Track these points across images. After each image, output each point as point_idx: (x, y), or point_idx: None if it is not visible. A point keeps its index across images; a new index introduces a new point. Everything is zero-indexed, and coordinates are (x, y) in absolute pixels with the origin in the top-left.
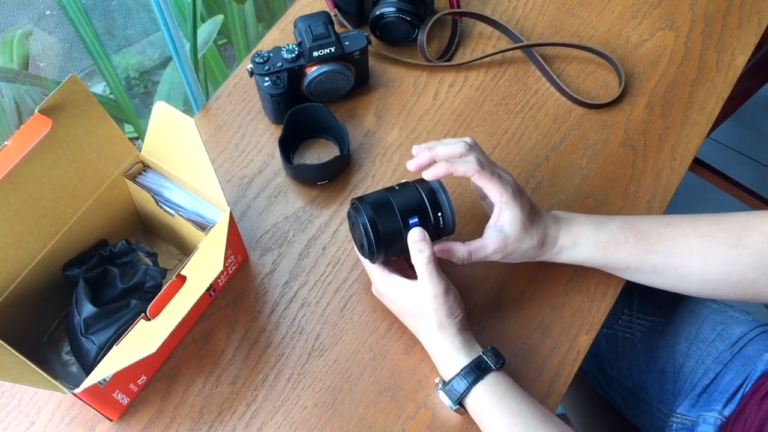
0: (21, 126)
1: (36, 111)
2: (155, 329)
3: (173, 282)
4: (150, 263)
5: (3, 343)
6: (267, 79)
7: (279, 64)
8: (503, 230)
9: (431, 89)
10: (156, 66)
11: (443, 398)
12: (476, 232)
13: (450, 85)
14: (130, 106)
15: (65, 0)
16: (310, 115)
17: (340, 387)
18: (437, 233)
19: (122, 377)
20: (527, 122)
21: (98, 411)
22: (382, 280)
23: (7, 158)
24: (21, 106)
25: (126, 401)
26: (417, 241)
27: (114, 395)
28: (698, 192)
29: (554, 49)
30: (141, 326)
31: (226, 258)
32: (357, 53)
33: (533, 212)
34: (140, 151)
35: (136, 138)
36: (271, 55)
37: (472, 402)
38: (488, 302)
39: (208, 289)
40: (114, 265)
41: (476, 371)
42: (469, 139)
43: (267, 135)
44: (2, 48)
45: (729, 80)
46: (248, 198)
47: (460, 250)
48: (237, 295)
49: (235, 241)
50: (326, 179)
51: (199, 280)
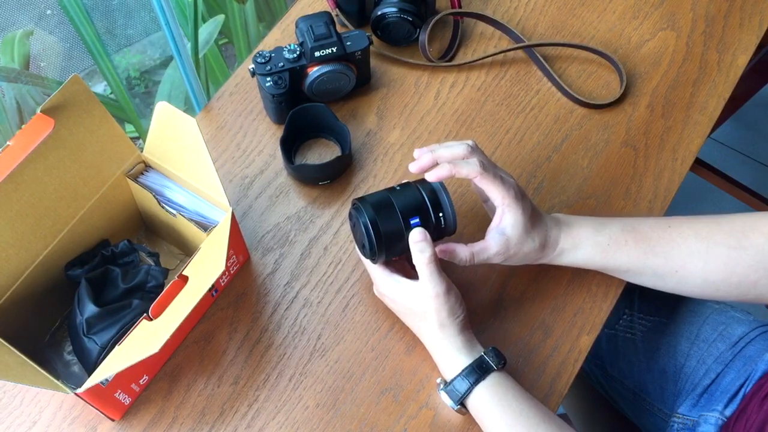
0: (22, 126)
1: (38, 111)
2: (157, 329)
3: (175, 282)
4: (152, 263)
5: (5, 343)
6: (269, 79)
7: (281, 64)
8: (505, 233)
9: (433, 89)
10: (157, 66)
11: (445, 398)
12: (477, 233)
13: (451, 86)
14: (131, 106)
15: None
16: (312, 115)
17: (342, 387)
18: (438, 233)
19: (124, 377)
20: (529, 122)
21: (100, 411)
22: (384, 281)
23: (10, 158)
24: (22, 106)
25: (128, 401)
26: (418, 242)
27: (116, 395)
28: (699, 192)
29: (555, 49)
30: (143, 326)
31: (228, 258)
32: (358, 53)
33: (535, 215)
34: (142, 151)
35: (137, 138)
36: (273, 55)
37: (474, 402)
38: (490, 302)
39: (210, 290)
40: (116, 265)
41: (478, 371)
42: (471, 142)
43: (268, 135)
44: (3, 48)
45: (730, 80)
46: (250, 198)
47: (463, 252)
48: (239, 295)
49: (237, 242)
50: (328, 179)
51: (201, 280)
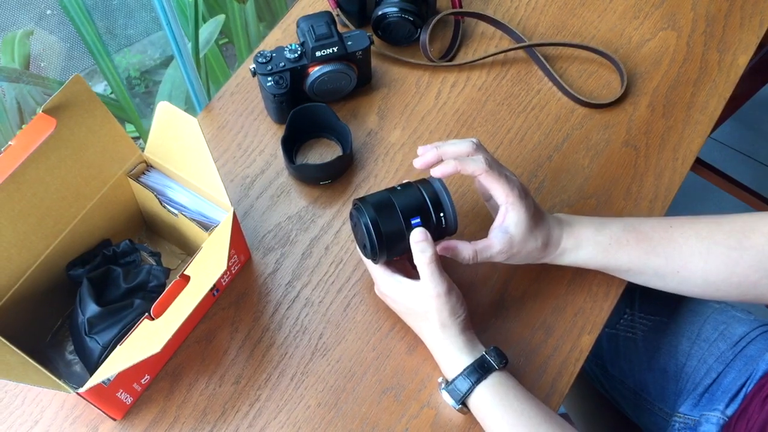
0: (23, 126)
1: (40, 111)
2: (159, 329)
3: (177, 282)
4: (153, 263)
5: (7, 343)
6: (270, 79)
7: (282, 64)
8: (509, 231)
9: (434, 89)
10: (157, 66)
11: (446, 398)
12: (478, 233)
13: (452, 85)
14: (132, 106)
15: None
16: (313, 115)
17: (344, 386)
18: (439, 233)
19: (126, 377)
20: (530, 122)
21: (102, 410)
22: (385, 281)
23: (11, 158)
24: (22, 106)
25: (129, 401)
26: (419, 242)
27: (118, 395)
28: (699, 192)
29: (556, 49)
30: (145, 326)
31: (229, 258)
32: (359, 53)
33: (537, 214)
34: (143, 151)
35: (138, 138)
36: (274, 55)
37: (475, 401)
38: (491, 302)
39: (212, 289)
40: (117, 265)
41: (479, 371)
42: (476, 140)
43: (270, 135)
44: (3, 47)
45: (731, 80)
46: (251, 198)
47: (466, 250)
48: (240, 295)
49: (238, 241)
50: (329, 179)
51: (203, 280)
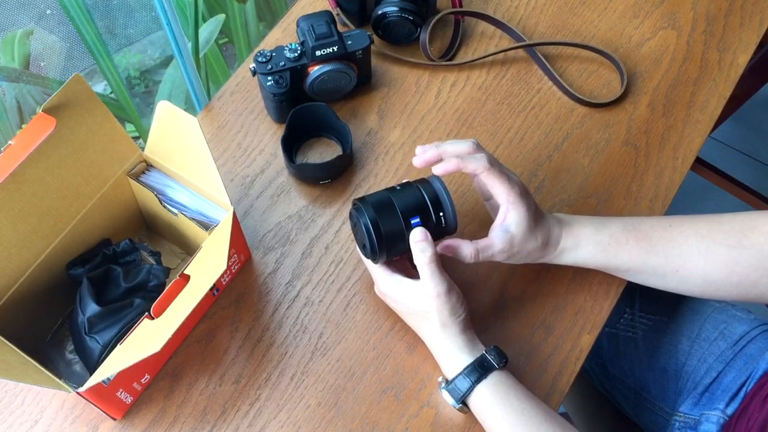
0: (22, 125)
1: (40, 110)
2: (159, 328)
3: (177, 281)
4: (153, 262)
5: (7, 342)
6: (270, 79)
7: (282, 64)
8: (509, 230)
9: (434, 88)
10: (157, 65)
11: (446, 397)
12: (478, 232)
13: (452, 85)
14: (132, 106)
15: None
16: (313, 115)
17: (344, 386)
18: (439, 233)
19: (126, 376)
20: (530, 121)
21: (102, 410)
22: (385, 280)
23: (11, 157)
24: (22, 106)
25: (129, 400)
26: (419, 241)
27: (117, 394)
28: (699, 191)
29: (556, 48)
30: (145, 325)
31: (230, 257)
32: (359, 52)
33: (538, 213)
34: (143, 151)
35: (138, 137)
36: (274, 55)
37: (475, 401)
38: (491, 302)
39: (212, 289)
40: (117, 264)
41: (479, 370)
42: (475, 140)
43: (269, 134)
44: (3, 47)
45: (731, 79)
46: (251, 197)
47: (467, 249)
48: (240, 294)
49: (238, 241)
50: (329, 178)
51: (203, 280)
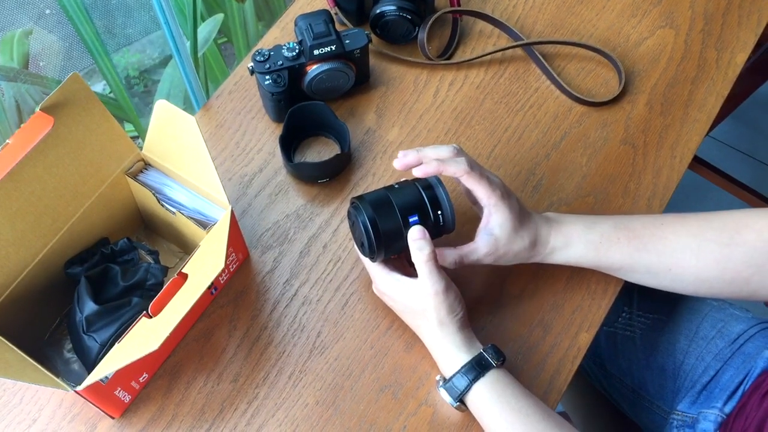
0: (21, 125)
1: (37, 109)
2: (157, 327)
3: (174, 280)
4: (151, 261)
5: (5, 341)
6: (268, 78)
7: (280, 63)
8: (493, 233)
9: (432, 87)
10: (156, 65)
11: (444, 395)
12: (474, 232)
13: (450, 84)
14: (131, 105)
15: None
16: (311, 114)
17: (342, 384)
18: (437, 231)
19: (124, 375)
20: (527, 120)
21: (100, 409)
22: (383, 279)
23: (9, 156)
24: (21, 105)
25: (128, 399)
26: (417, 239)
27: (116, 393)
28: (698, 190)
29: (554, 47)
30: (143, 324)
31: (227, 256)
32: (357, 51)
33: (522, 214)
34: (141, 150)
35: (137, 137)
36: (272, 54)
37: (473, 399)
38: (489, 300)
39: (210, 287)
40: (115, 263)
41: (477, 368)
42: (456, 146)
43: (268, 133)
44: (2, 47)
45: (729, 78)
46: (249, 196)
47: (451, 255)
48: (238, 293)
49: (236, 239)
50: (327, 177)
51: (201, 278)
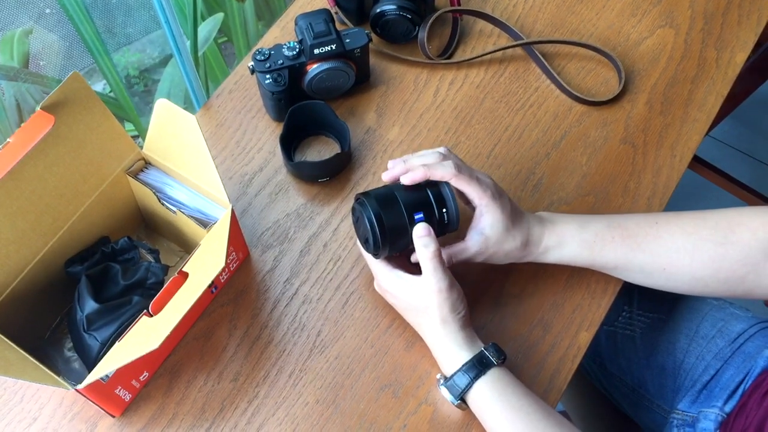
0: (22, 124)
1: (38, 108)
2: (157, 326)
3: (175, 279)
4: (152, 260)
5: (6, 340)
6: (268, 77)
7: (280, 62)
8: (484, 233)
9: (432, 87)
10: (156, 64)
11: (445, 394)
12: None
13: (450, 83)
14: (131, 105)
15: None
16: (311, 113)
17: (342, 383)
18: (441, 229)
19: (124, 373)
20: (528, 119)
21: (100, 407)
22: (386, 276)
23: (10, 155)
24: (21, 105)
25: (128, 397)
26: (422, 236)
27: (116, 391)
28: (697, 189)
29: (554, 47)
30: (143, 322)
31: (228, 255)
32: (358, 51)
33: (515, 213)
34: (142, 149)
35: (137, 136)
36: (272, 53)
37: (474, 397)
38: (489, 299)
39: (210, 286)
40: (116, 262)
41: (478, 367)
42: (443, 149)
43: (268, 132)
44: (2, 46)
45: (728, 78)
46: (249, 195)
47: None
48: (238, 292)
49: (237, 238)
50: (327, 176)
51: (201, 277)
